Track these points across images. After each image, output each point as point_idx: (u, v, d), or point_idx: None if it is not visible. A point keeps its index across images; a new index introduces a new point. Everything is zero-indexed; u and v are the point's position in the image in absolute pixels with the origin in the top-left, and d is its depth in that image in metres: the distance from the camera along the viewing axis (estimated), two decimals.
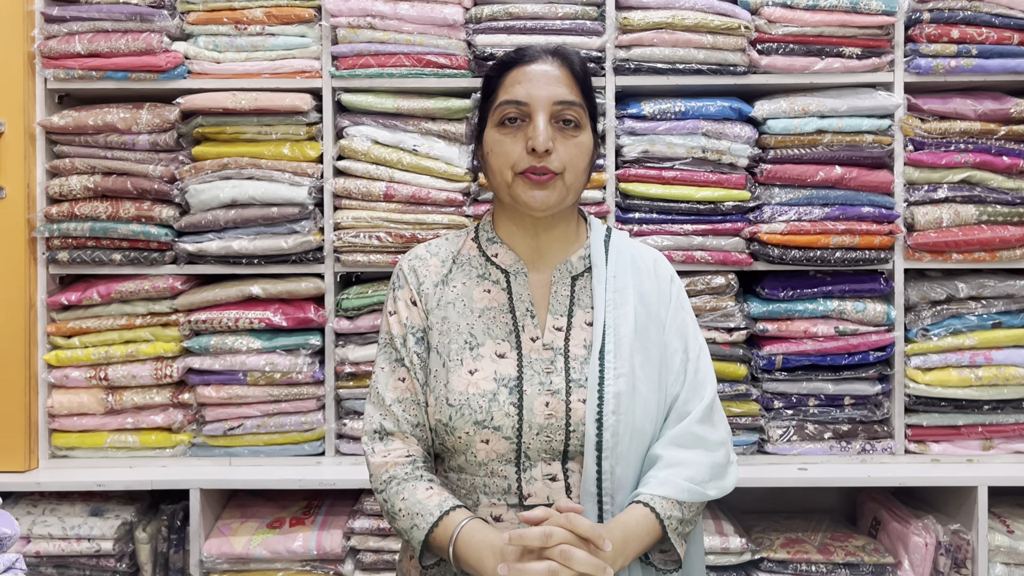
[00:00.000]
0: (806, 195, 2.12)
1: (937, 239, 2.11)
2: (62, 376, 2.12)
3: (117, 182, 2.11)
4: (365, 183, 2.13)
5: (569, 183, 1.22)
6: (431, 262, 1.31)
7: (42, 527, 2.02)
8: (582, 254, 1.30)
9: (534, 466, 1.19)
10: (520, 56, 1.24)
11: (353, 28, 2.13)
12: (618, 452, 1.17)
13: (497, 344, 1.23)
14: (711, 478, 1.19)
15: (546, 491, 1.18)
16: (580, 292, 1.28)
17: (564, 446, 1.18)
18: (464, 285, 1.28)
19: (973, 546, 1.99)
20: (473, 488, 1.21)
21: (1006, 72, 2.12)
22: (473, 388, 1.20)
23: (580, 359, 1.22)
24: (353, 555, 2.07)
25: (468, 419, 1.18)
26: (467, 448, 1.20)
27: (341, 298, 2.14)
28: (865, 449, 2.12)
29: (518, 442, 1.18)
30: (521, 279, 1.28)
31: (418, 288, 1.29)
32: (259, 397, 2.12)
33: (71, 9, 2.11)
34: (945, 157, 2.12)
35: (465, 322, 1.25)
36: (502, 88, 1.24)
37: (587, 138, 1.24)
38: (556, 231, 1.29)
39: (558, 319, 1.25)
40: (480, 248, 1.31)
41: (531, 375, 1.20)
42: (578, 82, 1.24)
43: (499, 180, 1.24)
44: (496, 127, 1.23)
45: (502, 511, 1.19)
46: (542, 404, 1.19)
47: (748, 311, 2.13)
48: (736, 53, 2.12)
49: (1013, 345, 2.13)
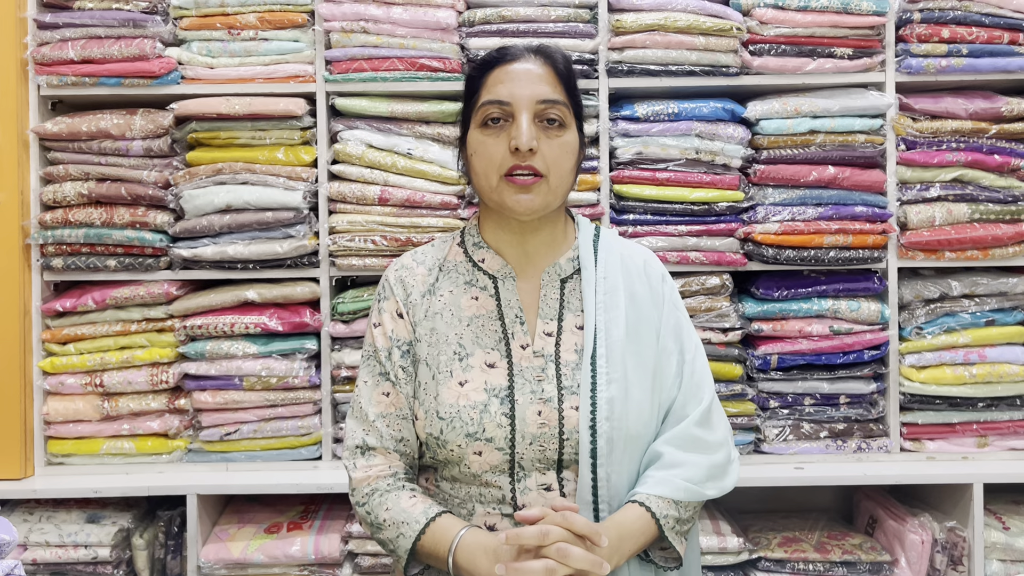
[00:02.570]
0: (799, 195, 2.13)
1: (930, 238, 2.12)
2: (57, 383, 2.11)
3: (111, 188, 2.11)
4: (360, 187, 2.13)
5: (554, 185, 1.20)
6: (417, 271, 1.29)
7: (39, 535, 2.02)
8: (571, 256, 1.29)
9: (528, 476, 1.17)
10: (502, 55, 1.23)
11: (346, 32, 2.13)
12: (613, 459, 1.16)
13: (487, 353, 1.21)
14: (709, 478, 1.19)
15: (541, 501, 1.17)
16: (570, 295, 1.26)
17: (558, 455, 1.17)
18: (451, 293, 1.26)
19: (969, 543, 2.00)
20: (468, 498, 1.20)
21: (996, 71, 2.13)
22: (464, 400, 1.18)
23: (572, 365, 1.21)
24: (351, 559, 2.07)
25: (460, 432, 1.17)
26: (460, 460, 1.18)
27: (337, 302, 2.14)
28: (861, 448, 2.12)
29: (511, 453, 1.17)
30: (509, 284, 1.26)
31: (405, 300, 1.27)
32: (255, 402, 2.12)
33: (64, 16, 2.11)
34: (937, 156, 2.13)
35: (454, 332, 1.23)
36: (484, 88, 1.22)
37: (572, 137, 1.22)
38: (543, 234, 1.27)
39: (548, 323, 1.23)
40: (466, 253, 1.30)
41: (522, 384, 1.19)
42: (562, 80, 1.22)
43: (483, 183, 1.22)
44: (479, 128, 1.22)
45: (496, 520, 1.18)
46: (534, 413, 1.17)
47: (743, 311, 2.13)
48: (728, 54, 2.12)
49: (1006, 342, 2.14)
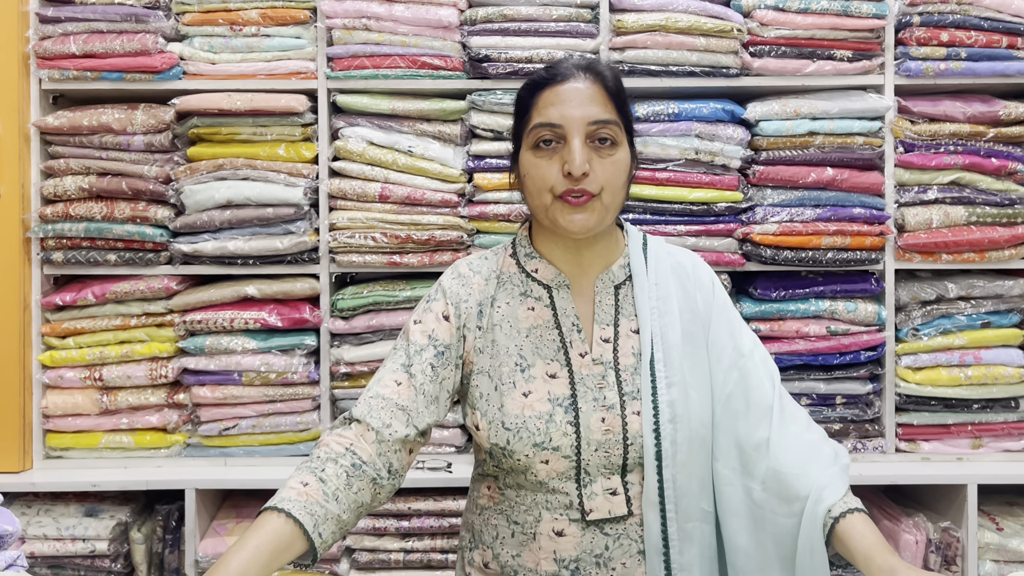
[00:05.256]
0: (798, 196, 2.14)
1: (927, 240, 2.13)
2: (57, 377, 2.12)
3: (112, 183, 2.11)
4: (360, 184, 2.14)
5: (607, 203, 1.19)
6: (474, 280, 1.28)
7: (37, 528, 2.02)
8: (622, 263, 1.29)
9: (594, 481, 1.19)
10: (552, 75, 1.21)
11: (348, 29, 2.13)
12: (678, 460, 1.18)
13: (547, 364, 1.22)
14: (836, 453, 1.21)
15: (607, 505, 1.18)
16: (623, 301, 1.26)
17: (623, 459, 1.19)
18: (508, 305, 1.26)
19: (963, 543, 2.01)
20: (534, 504, 1.21)
21: (995, 75, 2.14)
22: (529, 410, 1.19)
23: (630, 369, 1.22)
24: (348, 555, 2.08)
25: (527, 442, 1.18)
26: (527, 469, 1.19)
27: (336, 299, 2.15)
28: (856, 448, 2.13)
29: (577, 460, 1.18)
30: (564, 293, 1.26)
31: (457, 305, 1.25)
32: (254, 397, 2.12)
33: (66, 10, 2.11)
34: (935, 159, 2.14)
35: (514, 344, 1.23)
36: (535, 110, 1.21)
37: (624, 154, 1.21)
38: (598, 247, 1.27)
39: (604, 329, 1.24)
40: (519, 264, 1.29)
41: (584, 392, 1.20)
42: (612, 98, 1.21)
43: (537, 203, 1.21)
44: (531, 149, 1.21)
45: (564, 525, 1.19)
46: (598, 420, 1.18)
47: (741, 311, 2.14)
48: (729, 55, 2.13)
49: (1002, 345, 2.15)
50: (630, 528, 1.20)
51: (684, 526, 1.19)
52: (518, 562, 1.22)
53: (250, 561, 0.98)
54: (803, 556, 1.16)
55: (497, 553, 1.24)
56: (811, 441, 1.22)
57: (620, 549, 1.19)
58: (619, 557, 1.19)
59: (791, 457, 1.19)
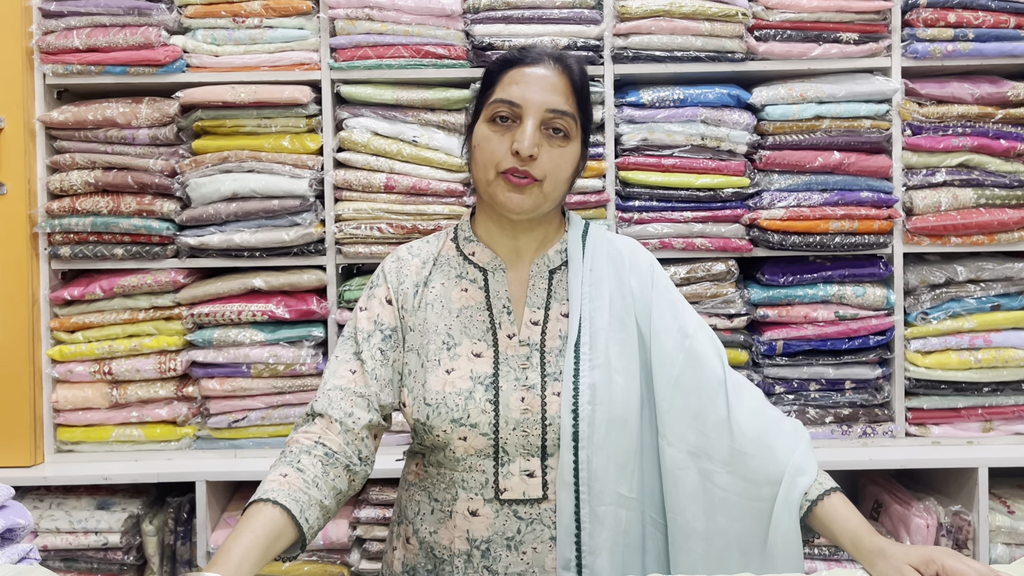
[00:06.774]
0: (805, 181, 2.13)
1: (936, 223, 2.11)
2: (66, 371, 2.12)
3: (118, 177, 2.11)
4: (365, 175, 2.13)
5: (547, 191, 1.22)
6: (412, 263, 1.32)
7: (49, 521, 2.04)
8: (559, 248, 1.31)
9: (512, 461, 1.21)
10: (523, 56, 1.25)
11: (351, 20, 2.13)
12: (595, 442, 1.19)
13: (474, 343, 1.24)
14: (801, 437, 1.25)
15: (523, 486, 1.20)
16: (557, 285, 1.29)
17: (542, 441, 1.20)
18: (443, 286, 1.29)
19: (974, 527, 2.01)
20: (452, 483, 1.23)
21: (1003, 56, 2.13)
22: (450, 387, 1.21)
23: (555, 352, 1.24)
24: (359, 544, 2.09)
25: (445, 417, 1.20)
26: (445, 445, 1.22)
27: (343, 289, 2.15)
28: (866, 432, 2.13)
29: (496, 438, 1.20)
30: (499, 275, 1.29)
31: (396, 288, 1.29)
32: (263, 389, 2.13)
33: (69, 4, 2.10)
34: (943, 141, 2.13)
35: (443, 323, 1.26)
36: (499, 85, 1.24)
37: (574, 150, 1.25)
38: (536, 233, 1.30)
39: (535, 312, 1.26)
40: (458, 248, 1.33)
41: (507, 372, 1.22)
42: (575, 92, 1.24)
43: (481, 176, 1.24)
44: (487, 122, 1.24)
45: (479, 505, 1.21)
46: (518, 399, 1.20)
47: (748, 297, 2.14)
48: (734, 40, 2.12)
49: (1012, 327, 2.14)
50: (544, 513, 1.21)
51: (596, 509, 1.19)
52: (435, 539, 1.24)
53: (249, 549, 1.00)
54: (775, 540, 1.17)
55: (417, 528, 1.27)
56: (771, 417, 1.24)
57: (532, 534, 1.21)
58: (530, 541, 1.21)
59: (754, 436, 1.21)
